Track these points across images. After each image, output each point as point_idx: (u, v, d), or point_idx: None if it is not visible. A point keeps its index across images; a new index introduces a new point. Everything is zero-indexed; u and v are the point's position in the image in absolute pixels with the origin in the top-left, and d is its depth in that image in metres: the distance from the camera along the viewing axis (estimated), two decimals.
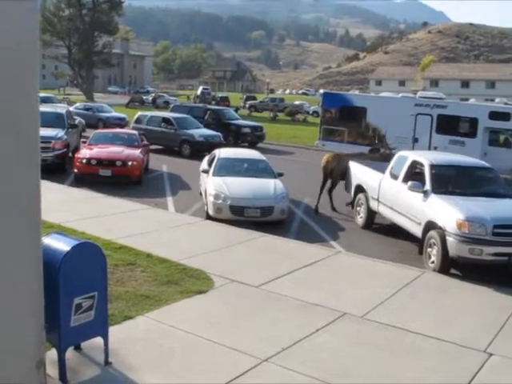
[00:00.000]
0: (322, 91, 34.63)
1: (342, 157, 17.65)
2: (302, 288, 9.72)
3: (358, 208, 15.34)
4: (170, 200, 17.08)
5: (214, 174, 15.41)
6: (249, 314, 8.52)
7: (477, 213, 10.99)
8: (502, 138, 25.00)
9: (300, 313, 8.65)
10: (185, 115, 29.86)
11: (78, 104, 40.37)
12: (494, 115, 24.33)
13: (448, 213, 11.19)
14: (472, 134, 24.50)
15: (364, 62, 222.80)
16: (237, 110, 50.10)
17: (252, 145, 30.84)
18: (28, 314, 5.35)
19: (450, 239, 10.93)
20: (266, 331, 7.89)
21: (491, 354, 7.75)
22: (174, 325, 7.84)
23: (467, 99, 60.44)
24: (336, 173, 17.04)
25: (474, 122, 24.59)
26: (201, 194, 16.53)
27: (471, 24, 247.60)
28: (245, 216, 14.17)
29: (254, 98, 77.53)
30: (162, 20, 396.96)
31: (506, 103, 28.08)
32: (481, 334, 8.44)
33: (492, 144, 24.58)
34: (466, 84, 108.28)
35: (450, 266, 11.30)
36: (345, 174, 16.69)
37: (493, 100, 42.61)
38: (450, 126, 24.85)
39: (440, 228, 11.23)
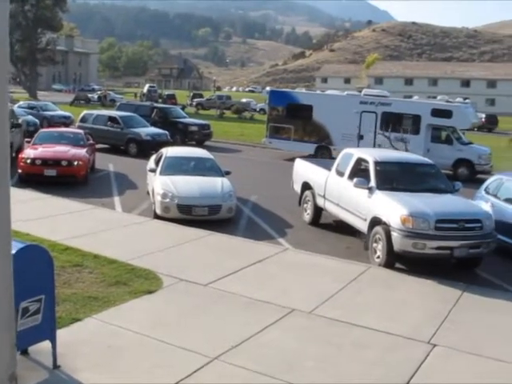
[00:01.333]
0: (268, 89, 34.68)
1: None
2: (251, 285, 9.80)
3: (305, 205, 15.51)
4: (116, 200, 16.90)
5: (161, 173, 15.35)
6: (197, 312, 8.54)
7: (420, 208, 11.27)
8: (443, 134, 25.62)
9: (249, 310, 8.72)
10: (131, 114, 29.52)
11: (21, 102, 39.34)
12: (436, 112, 24.89)
13: (392, 208, 11.44)
14: (415, 130, 25.04)
15: (310, 59, 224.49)
16: (184, 107, 49.81)
17: (199, 143, 30.78)
18: (1, 329, 5.21)
19: (394, 234, 11.18)
20: (215, 329, 7.93)
21: (435, 345, 7.99)
22: (123, 325, 7.80)
23: (411, 96, 61.76)
24: None
25: (417, 119, 25.13)
26: (148, 193, 16.43)
27: (414, 23, 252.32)
28: (192, 215, 14.17)
29: (201, 96, 77.26)
30: (107, 16, 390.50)
31: (447, 100, 28.77)
32: (425, 325, 8.69)
33: (434, 141, 25.19)
34: (409, 81, 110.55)
35: (395, 260, 11.57)
36: None
37: (435, 97, 43.59)
38: (394, 123, 25.32)
39: (385, 223, 11.48)
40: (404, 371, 7.15)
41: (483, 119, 57.93)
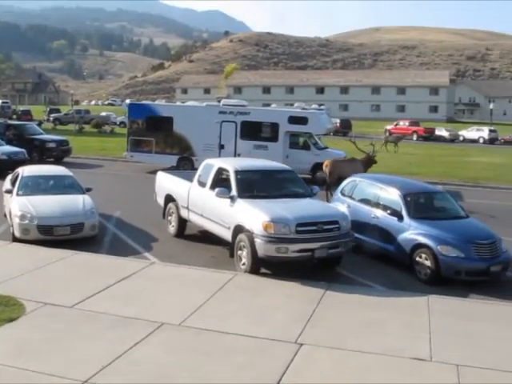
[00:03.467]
0: (127, 102, 34.21)
1: (337, 162, 21.71)
2: (118, 303, 9.68)
3: (170, 217, 15.50)
4: None
5: (18, 194, 14.75)
6: (64, 336, 8.30)
7: (280, 214, 11.66)
8: (301, 140, 26.55)
9: (117, 328, 8.61)
10: None
11: None
12: (293, 119, 25.74)
13: (254, 216, 11.75)
14: (274, 138, 25.75)
15: (169, 70, 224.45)
16: (40, 123, 47.99)
17: (58, 160, 29.75)
18: None
19: (257, 240, 11.49)
20: (83, 351, 7.75)
21: (302, 344, 8.34)
22: None
23: (269, 104, 63.28)
24: (333, 175, 20.53)
25: (275, 127, 25.83)
26: (5, 215, 15.68)
27: (270, 33, 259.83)
28: (54, 235, 13.72)
29: (59, 111, 74.70)
30: None
31: (303, 108, 29.74)
32: (292, 326, 9.03)
33: (293, 147, 26.01)
34: (267, 90, 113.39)
35: (260, 266, 11.89)
36: (341, 177, 18.35)
37: (292, 104, 45.04)
38: (254, 131, 25.91)
39: (248, 231, 11.76)
40: (274, 372, 7.40)
41: (338, 124, 60.63)
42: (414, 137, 63.29)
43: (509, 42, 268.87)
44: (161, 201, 16.09)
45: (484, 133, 65.01)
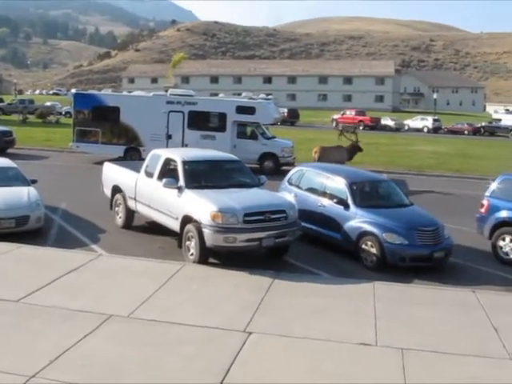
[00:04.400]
0: (73, 91, 33.53)
1: (326, 148, 24.37)
2: (66, 296, 9.58)
3: (117, 208, 15.35)
4: None
5: None
6: (11, 331, 8.17)
7: (228, 204, 11.72)
8: (248, 130, 26.63)
9: (66, 321, 8.53)
10: None
11: None
12: (241, 109, 25.78)
13: (202, 206, 11.77)
14: (222, 128, 25.76)
15: (116, 59, 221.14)
16: None
17: (1, 151, 28.95)
18: None
19: (205, 231, 11.52)
20: (31, 346, 7.66)
21: (250, 333, 8.44)
22: None
23: (217, 94, 63.19)
24: (322, 160, 22.38)
25: (222, 117, 25.81)
26: None
27: (217, 22, 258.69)
28: None
29: (1, 101, 72.72)
30: None
31: (251, 98, 29.88)
32: (240, 315, 9.12)
33: (240, 136, 26.06)
34: (215, 80, 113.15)
35: (208, 256, 11.94)
36: (331, 161, 20.45)
37: (240, 94, 45.17)
38: (201, 121, 25.86)
39: (196, 221, 11.78)
40: (223, 361, 7.47)
41: (285, 114, 60.98)
42: (361, 126, 64.18)
43: (452, 33, 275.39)
44: (108, 192, 15.93)
45: (428, 122, 66.50)
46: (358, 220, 12.95)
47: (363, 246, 12.70)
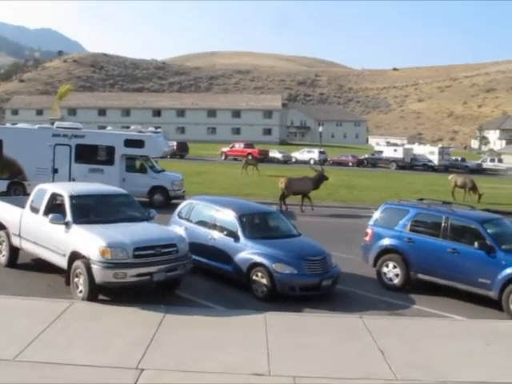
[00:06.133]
0: None
1: (291, 179, 27.42)
2: None
3: (0, 246, 14.70)
4: None
5: None
6: None
7: (117, 238, 11.54)
8: (137, 163, 26.40)
9: None
10: None
11: None
12: (129, 143, 25.52)
13: (90, 241, 11.51)
14: (110, 161, 25.36)
15: None
16: None
17: None
18: None
19: (94, 267, 11.26)
20: None
21: (143, 369, 8.30)
22: None
23: (105, 127, 62.05)
24: (288, 191, 26.60)
25: (111, 150, 25.44)
26: None
27: (105, 54, 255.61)
28: None
29: None
30: None
31: (139, 131, 29.64)
32: (132, 352, 8.95)
33: (129, 170, 25.77)
34: (103, 112, 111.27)
35: (98, 292, 11.63)
36: (296, 192, 26.82)
37: (128, 127, 44.72)
38: (89, 155, 25.36)
39: (84, 257, 11.49)
40: None
41: (175, 146, 60.86)
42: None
43: (335, 69, 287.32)
44: None
45: (314, 154, 68.53)
46: (248, 251, 13.10)
47: (254, 277, 12.85)
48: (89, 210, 12.92)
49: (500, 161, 72.29)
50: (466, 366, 9.19)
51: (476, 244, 12.83)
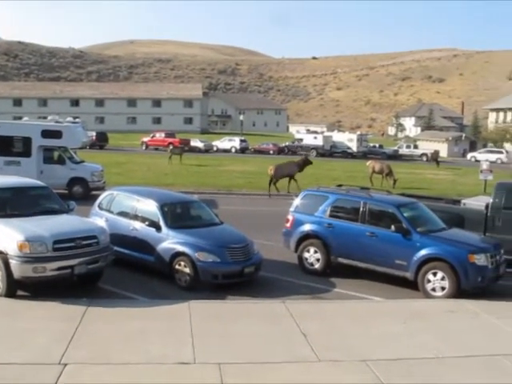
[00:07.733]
0: None
1: (278, 165, 30.32)
2: None
3: None
4: None
5: None
6: None
7: (36, 232, 11.25)
8: (55, 155, 25.72)
9: None
10: None
11: None
12: (47, 133, 24.84)
13: (8, 236, 11.18)
14: (27, 153, 24.63)
15: None
16: None
17: None
18: None
19: (12, 262, 10.95)
20: None
21: (66, 364, 8.18)
22: None
23: (21, 117, 60.20)
24: (276, 176, 29.65)
25: (27, 142, 24.70)
26: None
27: (20, 42, 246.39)
28: None
29: None
30: None
31: (57, 121, 28.95)
32: (53, 347, 8.80)
33: (47, 162, 25.07)
34: (18, 102, 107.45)
35: (16, 288, 11.33)
36: (284, 175, 30.21)
37: (46, 118, 43.50)
38: (5, 146, 24.53)
39: (2, 252, 11.16)
40: None
41: (94, 137, 59.64)
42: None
43: (255, 58, 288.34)
44: None
45: (236, 143, 68.81)
46: (170, 241, 13.08)
47: (177, 267, 12.86)
48: (5, 204, 12.47)
49: (415, 147, 74.62)
50: (384, 346, 9.58)
51: (393, 227, 13.33)
